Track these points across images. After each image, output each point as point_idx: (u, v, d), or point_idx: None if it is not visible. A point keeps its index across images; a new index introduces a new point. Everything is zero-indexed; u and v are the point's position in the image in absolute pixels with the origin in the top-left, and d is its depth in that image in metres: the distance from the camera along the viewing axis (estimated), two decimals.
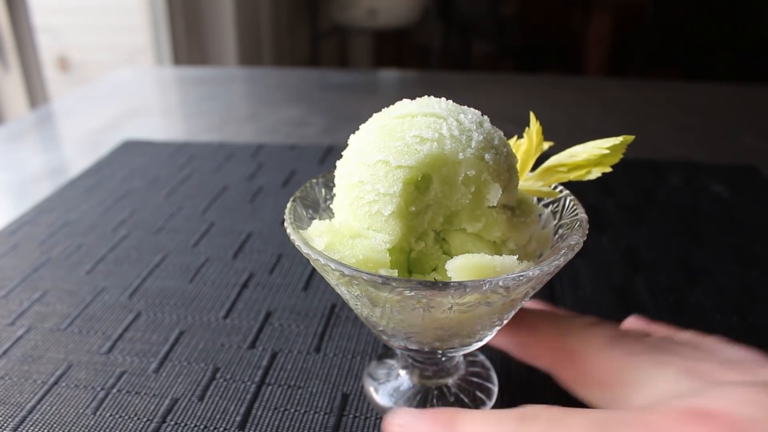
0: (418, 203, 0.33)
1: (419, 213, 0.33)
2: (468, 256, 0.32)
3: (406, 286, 0.29)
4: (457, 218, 0.34)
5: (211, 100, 1.14)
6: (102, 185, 0.76)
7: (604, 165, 0.36)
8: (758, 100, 1.14)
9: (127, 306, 0.53)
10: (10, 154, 0.89)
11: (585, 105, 1.10)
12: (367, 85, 1.25)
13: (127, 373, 0.45)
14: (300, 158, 0.84)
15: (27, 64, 1.62)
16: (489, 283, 0.29)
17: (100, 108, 1.09)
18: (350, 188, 0.34)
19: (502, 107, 1.06)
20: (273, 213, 0.69)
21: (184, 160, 0.83)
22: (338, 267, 0.30)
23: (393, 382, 0.43)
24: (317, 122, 1.02)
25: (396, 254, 0.33)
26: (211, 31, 2.30)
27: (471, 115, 0.35)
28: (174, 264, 0.59)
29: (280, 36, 2.82)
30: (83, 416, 0.41)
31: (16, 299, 0.54)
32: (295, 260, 0.60)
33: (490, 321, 0.34)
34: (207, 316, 0.51)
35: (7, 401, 0.43)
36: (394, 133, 0.33)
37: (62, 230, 0.65)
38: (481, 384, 0.43)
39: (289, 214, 0.36)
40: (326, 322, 0.51)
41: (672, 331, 0.37)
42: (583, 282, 0.56)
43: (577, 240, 0.33)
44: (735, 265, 0.59)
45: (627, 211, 0.69)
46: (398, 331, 0.35)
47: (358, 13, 2.88)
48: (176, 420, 0.41)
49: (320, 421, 0.41)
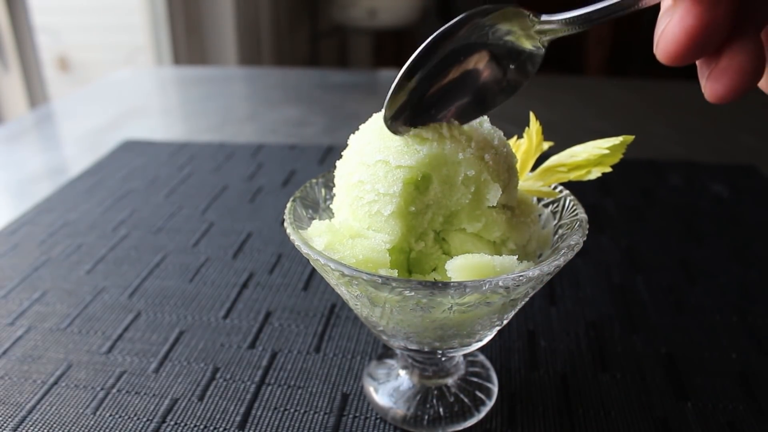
0: (418, 203, 0.33)
1: (419, 213, 0.33)
2: (467, 256, 0.32)
3: (406, 286, 0.29)
4: (457, 218, 0.34)
5: (211, 100, 1.14)
6: (102, 185, 0.76)
7: (604, 165, 0.36)
8: (758, 100, 1.13)
9: (127, 306, 0.53)
10: (10, 154, 0.89)
11: (585, 105, 1.10)
12: (367, 85, 1.25)
13: (127, 373, 0.45)
14: (300, 158, 0.84)
15: (27, 64, 1.62)
16: (489, 284, 0.29)
17: (100, 108, 1.09)
18: (350, 188, 0.34)
19: (502, 107, 1.06)
20: (273, 213, 0.69)
21: (184, 160, 0.83)
22: (338, 267, 0.30)
23: (393, 382, 0.43)
24: (317, 122, 1.02)
25: (396, 254, 0.33)
26: (211, 31, 2.30)
27: None
28: (174, 264, 0.59)
29: (280, 36, 2.82)
30: (83, 416, 0.41)
31: (16, 299, 0.54)
32: (295, 260, 0.60)
33: (490, 321, 0.34)
34: (207, 316, 0.51)
35: (7, 401, 0.43)
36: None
37: (62, 230, 0.65)
38: (481, 384, 0.43)
39: (289, 214, 0.36)
40: (326, 322, 0.51)
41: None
42: (583, 282, 0.56)
43: (577, 240, 0.33)
44: (735, 265, 0.59)
45: (627, 211, 0.69)
46: (398, 331, 0.35)
47: (358, 13, 2.88)
48: (176, 420, 0.41)
49: (320, 421, 0.41)
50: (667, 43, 0.24)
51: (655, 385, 0.44)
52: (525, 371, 0.45)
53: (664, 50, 0.25)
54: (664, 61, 0.25)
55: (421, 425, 0.41)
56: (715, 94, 0.25)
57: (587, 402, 0.43)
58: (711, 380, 0.45)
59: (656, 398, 0.43)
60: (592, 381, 0.44)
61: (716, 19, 0.23)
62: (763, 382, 0.44)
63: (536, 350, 0.47)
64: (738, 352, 0.47)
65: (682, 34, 0.24)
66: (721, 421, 0.41)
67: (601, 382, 0.44)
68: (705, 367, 0.46)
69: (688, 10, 0.24)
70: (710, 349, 0.48)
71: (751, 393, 0.43)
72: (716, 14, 0.23)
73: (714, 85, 0.25)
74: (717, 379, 0.45)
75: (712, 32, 0.24)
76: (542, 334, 0.49)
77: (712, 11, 0.23)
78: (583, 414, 0.41)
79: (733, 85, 0.24)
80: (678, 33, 0.24)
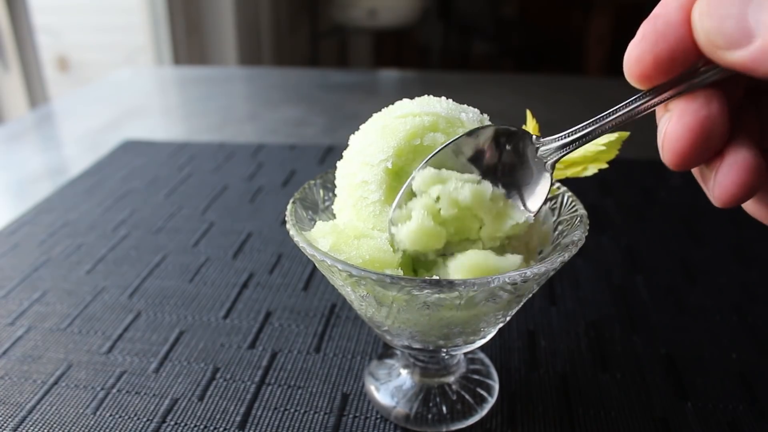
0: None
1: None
2: (469, 254, 0.32)
3: (414, 285, 0.29)
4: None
5: (211, 100, 1.14)
6: (102, 185, 0.76)
7: (600, 161, 0.36)
8: None
9: (127, 306, 0.53)
10: (10, 154, 0.89)
11: (585, 105, 1.10)
12: (367, 85, 1.25)
13: (127, 373, 0.45)
14: (300, 158, 0.84)
15: (27, 64, 1.62)
16: (497, 280, 0.29)
17: (100, 108, 1.09)
18: (353, 188, 0.34)
19: (502, 107, 1.06)
20: (273, 213, 0.69)
21: (183, 160, 0.83)
22: (346, 268, 0.30)
23: (394, 381, 0.43)
24: (317, 122, 1.02)
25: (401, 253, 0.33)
26: (211, 31, 2.30)
27: (471, 113, 0.35)
28: (174, 264, 0.59)
29: (280, 36, 2.82)
30: (83, 416, 0.41)
31: (16, 299, 0.54)
32: (295, 260, 0.60)
33: (495, 318, 0.34)
34: (207, 316, 0.51)
35: (7, 401, 0.43)
36: (396, 132, 0.33)
37: (62, 230, 0.65)
38: (482, 381, 0.44)
39: (291, 215, 0.36)
40: (326, 322, 0.51)
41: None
42: (583, 282, 0.56)
43: (579, 236, 0.33)
44: (735, 265, 0.59)
45: (627, 210, 0.69)
46: (403, 330, 0.35)
47: (358, 13, 2.88)
48: (176, 420, 0.41)
49: (320, 421, 0.41)
50: (671, 144, 0.24)
51: (655, 385, 0.44)
52: (525, 371, 0.45)
53: (670, 151, 0.25)
54: (672, 165, 0.25)
55: (425, 424, 0.41)
56: (725, 193, 0.25)
57: (587, 402, 0.43)
58: (711, 380, 0.45)
59: (656, 398, 0.43)
60: (592, 381, 0.44)
61: (712, 116, 0.24)
62: (763, 382, 0.44)
63: (536, 350, 0.47)
64: (738, 352, 0.47)
65: (685, 131, 0.24)
66: (721, 421, 0.41)
67: (601, 382, 0.44)
68: (705, 367, 0.46)
69: (683, 109, 0.24)
70: (710, 349, 0.48)
71: (751, 393, 0.43)
72: (711, 110, 0.24)
73: (722, 182, 0.25)
74: (717, 379, 0.45)
75: (713, 126, 0.24)
76: (542, 334, 0.49)
77: (706, 108, 0.24)
78: (583, 414, 0.41)
79: (741, 181, 0.24)
80: (680, 131, 0.24)
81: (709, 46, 0.23)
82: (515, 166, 0.32)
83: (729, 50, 0.22)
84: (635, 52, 0.25)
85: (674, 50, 0.24)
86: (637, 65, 0.25)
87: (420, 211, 0.31)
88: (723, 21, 0.22)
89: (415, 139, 0.33)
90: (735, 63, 0.22)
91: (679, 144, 0.24)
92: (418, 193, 0.32)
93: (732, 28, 0.22)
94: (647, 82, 0.25)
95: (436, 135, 0.34)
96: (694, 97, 0.24)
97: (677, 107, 0.25)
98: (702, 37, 0.23)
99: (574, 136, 0.30)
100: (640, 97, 0.26)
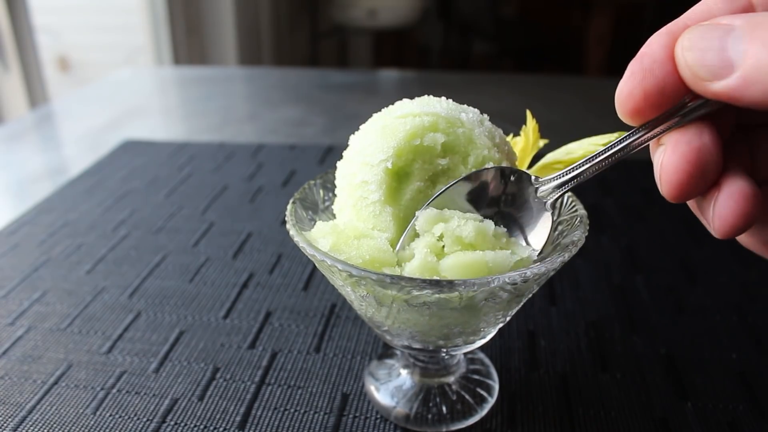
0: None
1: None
2: (459, 254, 0.32)
3: (414, 285, 0.29)
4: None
5: (211, 100, 1.14)
6: (102, 185, 0.76)
7: None
8: None
9: (127, 306, 0.53)
10: (10, 154, 0.89)
11: (585, 105, 1.10)
12: (367, 85, 1.25)
13: (127, 373, 0.45)
14: (300, 158, 0.84)
15: (27, 64, 1.62)
16: (497, 280, 0.29)
17: (100, 108, 1.09)
18: (353, 189, 0.34)
19: (502, 107, 1.06)
20: (273, 213, 0.69)
21: (183, 160, 0.83)
22: (346, 268, 0.30)
23: (394, 381, 0.43)
24: (317, 122, 1.02)
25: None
26: (211, 31, 2.30)
27: (471, 113, 0.35)
28: (174, 264, 0.59)
29: (280, 36, 2.82)
30: (83, 416, 0.41)
31: (16, 299, 0.54)
32: (295, 260, 0.60)
33: (495, 318, 0.34)
34: (207, 316, 0.51)
35: (7, 401, 0.43)
36: (396, 132, 0.33)
37: (62, 230, 0.65)
38: (482, 381, 0.44)
39: (291, 216, 0.36)
40: (326, 322, 0.51)
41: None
42: (583, 282, 0.56)
43: (579, 236, 0.33)
44: (735, 265, 0.59)
45: (627, 210, 0.69)
46: (403, 330, 0.35)
47: (358, 13, 2.88)
48: (176, 420, 0.41)
49: (320, 421, 0.41)
50: (668, 176, 0.25)
51: (655, 385, 0.44)
52: (525, 371, 0.45)
53: (667, 183, 0.25)
54: (671, 197, 0.25)
55: (425, 424, 0.41)
56: (725, 224, 0.25)
57: (587, 402, 0.43)
58: (711, 380, 0.45)
59: (656, 398, 0.43)
60: (592, 381, 0.44)
61: (705, 146, 0.25)
62: (763, 382, 0.44)
63: (536, 350, 0.47)
64: (738, 352, 0.47)
65: (680, 161, 0.25)
66: (721, 421, 0.41)
67: (601, 382, 0.44)
68: (705, 367, 0.46)
69: (677, 141, 0.25)
70: (710, 349, 0.48)
71: (751, 393, 0.43)
72: (703, 141, 0.25)
73: (721, 213, 0.25)
74: (717, 379, 0.45)
75: (707, 156, 0.25)
76: (542, 334, 0.49)
77: (699, 139, 0.25)
78: (583, 414, 0.41)
79: (740, 210, 0.25)
80: (675, 162, 0.25)
81: (694, 79, 0.23)
82: (516, 206, 0.33)
83: (712, 82, 0.23)
84: (626, 88, 0.26)
85: (663, 85, 0.25)
86: (629, 100, 0.26)
87: (423, 249, 0.31)
88: (704, 54, 0.23)
89: (415, 139, 0.33)
90: (719, 93, 0.23)
91: (675, 175, 0.25)
92: (421, 232, 0.32)
93: (713, 60, 0.22)
94: (639, 117, 0.26)
95: (436, 135, 0.34)
96: (686, 130, 0.25)
97: (670, 140, 0.25)
98: (686, 70, 0.24)
99: (570, 175, 0.30)
100: (633, 132, 0.27)
